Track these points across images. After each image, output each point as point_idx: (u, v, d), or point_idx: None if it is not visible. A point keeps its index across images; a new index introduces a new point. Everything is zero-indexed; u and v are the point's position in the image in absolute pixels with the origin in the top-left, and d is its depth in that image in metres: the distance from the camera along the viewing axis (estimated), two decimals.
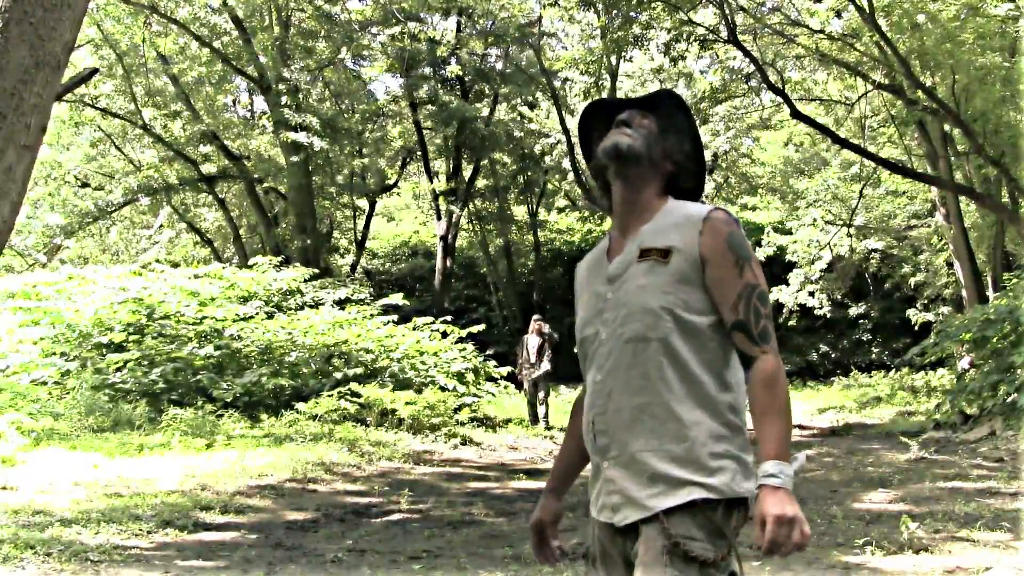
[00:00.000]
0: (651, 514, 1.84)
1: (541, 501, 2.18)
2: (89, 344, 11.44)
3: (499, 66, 24.07)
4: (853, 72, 15.48)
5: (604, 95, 22.42)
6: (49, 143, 20.87)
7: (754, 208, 28.24)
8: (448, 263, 23.55)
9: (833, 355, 24.19)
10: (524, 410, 12.55)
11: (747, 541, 1.99)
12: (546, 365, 12.57)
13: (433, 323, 14.04)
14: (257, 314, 13.04)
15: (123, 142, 23.07)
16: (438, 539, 5.71)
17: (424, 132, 23.73)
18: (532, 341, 12.80)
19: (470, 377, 12.89)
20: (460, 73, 23.17)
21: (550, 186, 26.79)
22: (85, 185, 24.16)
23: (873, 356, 23.67)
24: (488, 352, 16.25)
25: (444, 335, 13.75)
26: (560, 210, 28.73)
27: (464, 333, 13.86)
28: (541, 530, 2.17)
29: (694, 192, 2.09)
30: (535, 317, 13.34)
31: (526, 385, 12.77)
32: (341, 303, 15.10)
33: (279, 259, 16.25)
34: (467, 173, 24.39)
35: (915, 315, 21.30)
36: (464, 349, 13.53)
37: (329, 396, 10.62)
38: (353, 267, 24.76)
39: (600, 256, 2.07)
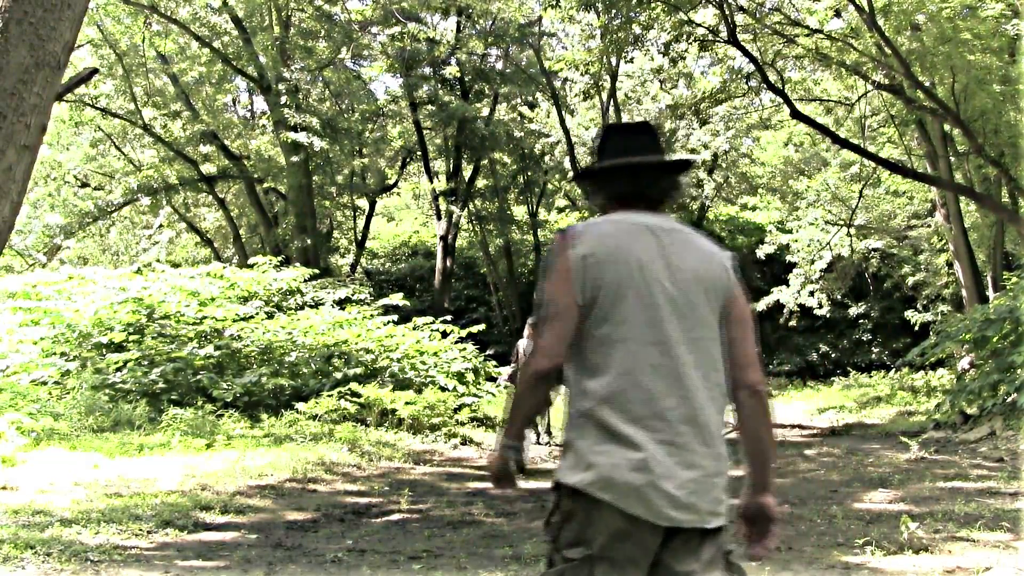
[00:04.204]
0: None
1: None
2: (89, 344, 11.43)
3: (499, 66, 24.07)
4: (853, 72, 15.46)
5: (604, 95, 22.49)
6: (49, 143, 20.87)
7: (754, 208, 28.23)
8: (448, 263, 23.53)
9: (833, 355, 24.20)
10: None
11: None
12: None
13: (433, 323, 14.03)
14: (257, 314, 13.03)
15: (123, 142, 23.09)
16: (438, 539, 5.71)
17: (424, 132, 23.72)
18: (529, 345, 12.41)
19: (470, 377, 12.88)
20: (460, 73, 23.16)
21: (550, 186, 26.78)
22: (85, 185, 24.16)
23: (873, 356, 23.68)
24: (488, 352, 16.20)
25: (444, 335, 13.73)
26: (560, 210, 28.72)
27: (464, 333, 13.84)
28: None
29: (613, 196, 2.24)
30: (530, 320, 12.98)
31: None
32: (341, 303, 15.10)
33: (279, 259, 16.24)
34: (467, 173, 24.39)
35: (915, 315, 21.29)
36: (464, 349, 13.51)
37: (329, 396, 10.61)
38: (353, 267, 24.77)
39: None
